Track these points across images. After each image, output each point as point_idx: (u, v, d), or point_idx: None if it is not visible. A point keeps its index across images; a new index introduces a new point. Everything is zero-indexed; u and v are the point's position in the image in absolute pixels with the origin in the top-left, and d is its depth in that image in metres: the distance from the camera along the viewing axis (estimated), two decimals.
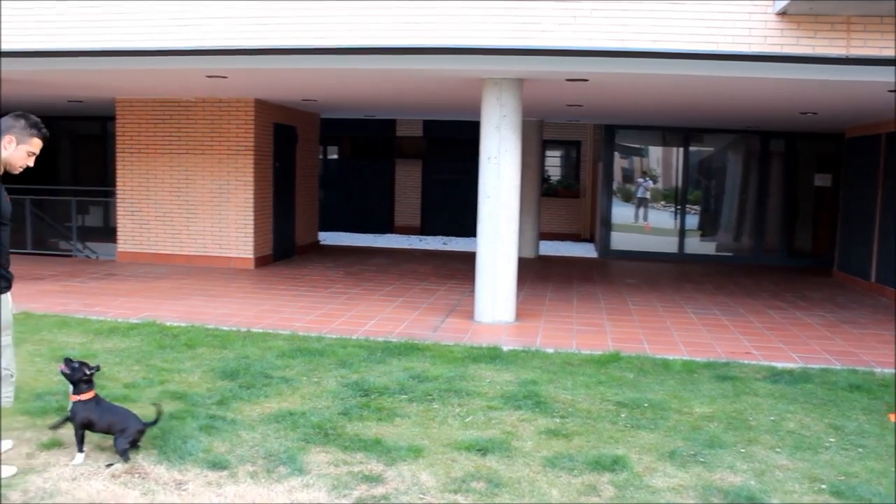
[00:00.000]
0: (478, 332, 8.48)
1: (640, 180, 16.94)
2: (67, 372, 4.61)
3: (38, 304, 9.24)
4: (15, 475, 4.33)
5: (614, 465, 4.63)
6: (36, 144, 4.37)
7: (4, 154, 4.28)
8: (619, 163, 16.88)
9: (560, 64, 8.09)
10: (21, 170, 4.38)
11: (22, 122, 4.31)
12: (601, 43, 7.71)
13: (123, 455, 4.50)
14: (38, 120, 4.39)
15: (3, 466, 4.38)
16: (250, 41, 8.38)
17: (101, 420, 4.56)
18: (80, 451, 4.56)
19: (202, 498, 4.12)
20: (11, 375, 4.41)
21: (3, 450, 4.59)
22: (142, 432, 4.62)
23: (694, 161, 16.65)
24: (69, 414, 4.61)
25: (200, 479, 4.35)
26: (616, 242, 16.50)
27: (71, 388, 4.61)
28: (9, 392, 4.40)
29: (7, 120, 4.32)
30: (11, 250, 4.39)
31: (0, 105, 11.55)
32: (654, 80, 8.81)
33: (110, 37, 8.75)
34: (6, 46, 9.07)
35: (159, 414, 4.78)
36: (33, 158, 4.40)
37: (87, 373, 4.63)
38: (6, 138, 4.27)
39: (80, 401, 4.57)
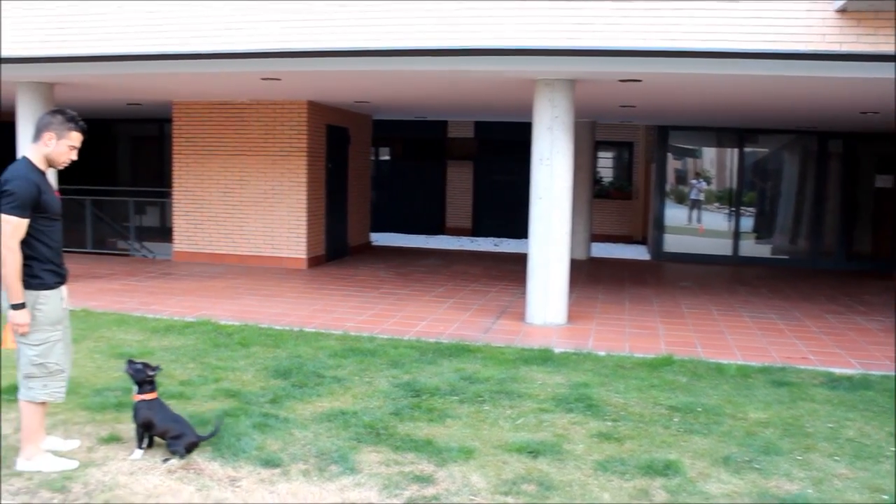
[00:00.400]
0: (529, 333, 8.45)
1: (694, 182, 16.72)
2: (131, 372, 4.71)
3: (97, 301, 9.45)
4: (76, 469, 4.44)
5: (667, 469, 4.58)
6: (75, 138, 4.44)
7: (46, 150, 4.38)
8: (672, 164, 16.68)
9: (612, 64, 8.02)
10: (65, 165, 4.47)
11: (59, 117, 4.39)
12: (654, 43, 7.63)
13: (177, 453, 4.58)
14: (75, 113, 4.46)
15: (64, 460, 4.50)
16: (304, 44, 8.46)
17: (160, 423, 4.64)
18: (139, 447, 4.65)
19: (255, 495, 4.18)
20: (63, 371, 4.51)
21: (66, 449, 4.71)
22: (195, 444, 4.68)
23: (749, 162, 16.37)
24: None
25: (254, 476, 4.41)
26: (669, 245, 16.30)
27: (135, 387, 4.71)
28: (59, 387, 4.50)
29: (45, 117, 4.42)
30: (73, 249, 4.52)
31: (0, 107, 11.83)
32: (708, 80, 8.69)
33: (167, 41, 8.92)
34: (66, 51, 9.30)
35: (216, 429, 4.84)
36: (75, 152, 4.48)
37: (150, 374, 4.72)
38: (46, 135, 4.36)
39: (143, 400, 4.66)
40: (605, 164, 21.19)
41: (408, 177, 21.58)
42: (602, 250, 17.74)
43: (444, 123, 21.04)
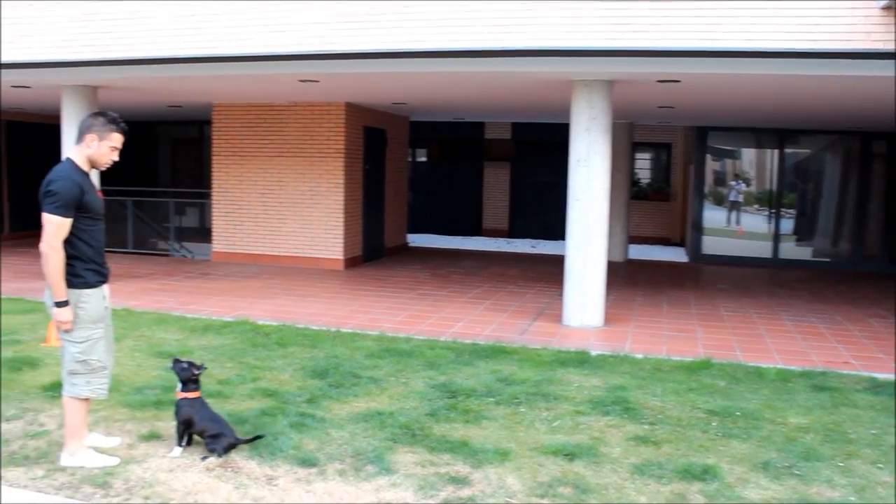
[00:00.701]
0: (566, 335, 8.42)
1: (733, 183, 16.54)
2: (177, 370, 4.79)
3: (137, 301, 9.59)
4: (117, 465, 4.51)
5: (704, 474, 4.53)
6: (116, 139, 4.53)
7: (89, 152, 4.47)
8: (710, 165, 16.50)
9: (651, 65, 7.97)
10: (107, 166, 4.57)
11: (101, 119, 4.48)
12: (693, 43, 7.55)
13: (215, 452, 4.63)
14: (116, 115, 4.56)
15: (106, 457, 4.57)
16: (343, 46, 8.51)
17: (200, 422, 4.70)
18: (179, 445, 4.71)
19: (292, 494, 4.21)
20: (105, 368, 4.58)
21: (107, 445, 4.78)
22: (233, 445, 4.72)
23: (789, 163, 16.15)
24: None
25: (290, 475, 4.44)
26: (707, 247, 16.13)
27: (179, 385, 4.78)
28: (102, 384, 4.58)
29: (86, 120, 4.52)
30: (114, 249, 4.62)
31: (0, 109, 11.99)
32: (749, 81, 8.59)
33: (208, 43, 9.02)
34: (109, 55, 9.45)
35: (257, 437, 4.87)
36: (116, 153, 4.58)
37: (195, 372, 4.79)
38: (89, 137, 4.45)
39: (185, 398, 4.72)
40: (643, 165, 21.04)
41: (445, 178, 21.60)
42: (639, 252, 17.62)
43: (482, 125, 21.03)
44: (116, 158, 4.59)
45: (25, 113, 17.02)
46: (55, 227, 4.27)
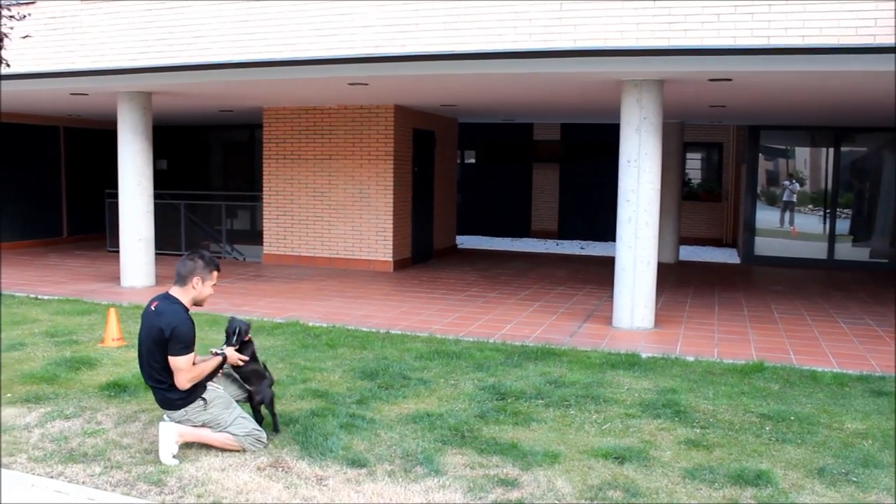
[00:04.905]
0: (616, 337, 8.36)
1: (787, 183, 16.24)
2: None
3: None
4: (178, 465, 4.61)
5: (758, 479, 4.46)
6: (215, 277, 4.90)
7: (194, 293, 4.81)
8: (763, 165, 16.24)
9: (702, 64, 7.87)
10: (205, 303, 4.94)
11: (200, 262, 4.83)
12: (746, 41, 7.45)
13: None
14: (210, 254, 4.95)
15: (172, 458, 4.66)
16: (392, 48, 8.56)
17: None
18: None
19: (342, 494, 4.24)
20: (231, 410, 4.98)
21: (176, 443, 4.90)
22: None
23: (845, 162, 15.81)
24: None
25: (340, 475, 4.48)
26: (760, 248, 15.87)
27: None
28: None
29: (187, 263, 4.82)
30: (168, 252, 4.81)
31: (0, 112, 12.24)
32: (803, 79, 8.44)
33: (260, 48, 9.15)
34: (164, 61, 9.64)
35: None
36: (214, 288, 4.95)
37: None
38: (194, 279, 4.79)
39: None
40: (694, 165, 20.80)
41: (493, 179, 21.59)
42: (690, 253, 17.41)
43: (530, 126, 20.98)
44: (213, 293, 4.98)
45: (82, 119, 17.42)
46: (187, 367, 4.67)
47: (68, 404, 5.71)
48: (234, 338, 4.96)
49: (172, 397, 4.72)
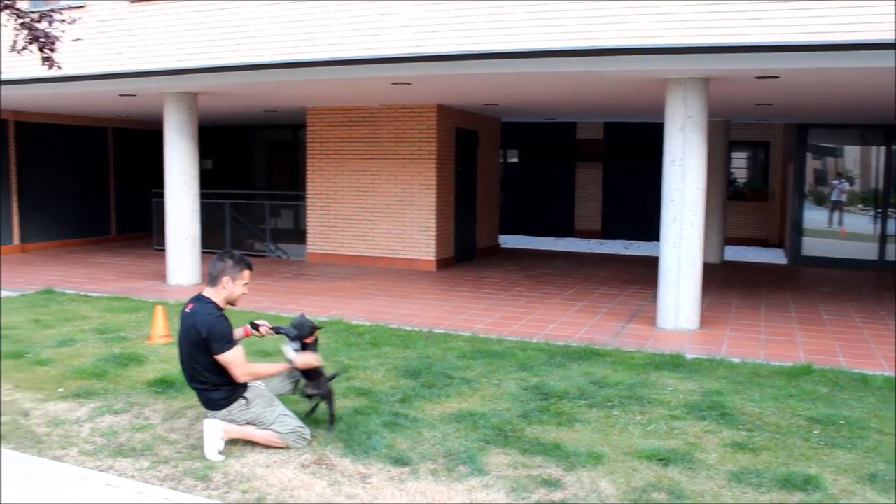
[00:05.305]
0: (660, 338, 8.28)
1: (836, 182, 15.95)
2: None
3: None
4: (223, 461, 4.66)
5: (806, 484, 4.39)
6: (246, 276, 4.93)
7: (225, 293, 4.85)
8: (811, 164, 15.95)
9: (749, 61, 7.76)
10: (238, 302, 4.96)
11: (230, 262, 4.87)
12: (794, 37, 7.32)
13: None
14: (241, 254, 4.96)
15: (217, 454, 4.72)
16: (434, 48, 8.57)
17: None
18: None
19: (385, 492, 4.26)
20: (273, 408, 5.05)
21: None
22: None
23: None
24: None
25: (383, 473, 4.50)
26: (808, 248, 15.60)
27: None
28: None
29: (217, 265, 4.87)
30: (212, 250, 4.84)
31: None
32: (853, 75, 8.28)
33: (303, 49, 9.23)
34: (209, 62, 9.76)
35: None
36: (247, 288, 4.96)
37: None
38: (224, 280, 4.83)
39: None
40: (740, 164, 20.53)
41: (536, 179, 21.52)
42: (736, 254, 17.19)
43: (573, 125, 20.87)
44: (246, 292, 4.96)
45: (129, 120, 17.71)
46: (237, 360, 4.71)
47: (117, 400, 5.82)
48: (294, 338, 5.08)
49: (215, 397, 4.78)
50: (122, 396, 5.90)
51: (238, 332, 4.99)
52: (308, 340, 5.10)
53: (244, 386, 4.85)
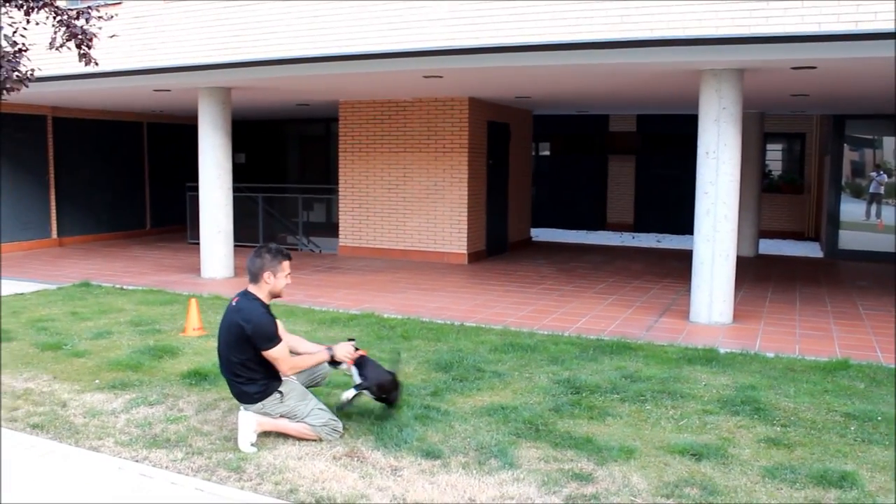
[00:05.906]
0: (693, 332, 8.21)
1: (873, 174, 15.69)
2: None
3: None
4: (256, 453, 4.71)
5: (842, 481, 4.33)
6: (286, 266, 4.97)
7: (269, 287, 4.90)
8: (848, 156, 15.71)
9: (785, 51, 7.65)
10: (283, 294, 5.02)
11: (267, 256, 4.91)
12: (831, 26, 7.19)
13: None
14: (279, 246, 5.01)
15: (250, 446, 4.76)
16: (465, 41, 8.55)
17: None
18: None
19: (416, 485, 4.27)
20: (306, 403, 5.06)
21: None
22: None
23: None
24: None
25: (415, 466, 4.51)
26: (844, 242, 15.37)
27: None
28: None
29: (255, 261, 4.91)
30: (245, 244, 4.90)
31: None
32: (893, 65, 8.12)
33: (334, 43, 9.25)
34: (242, 57, 9.83)
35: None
36: (290, 277, 5.02)
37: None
38: (265, 275, 4.88)
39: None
40: (775, 156, 20.27)
41: (568, 172, 21.42)
42: (771, 247, 17.00)
43: (606, 117, 20.75)
44: (290, 282, 5.03)
45: (164, 115, 17.89)
46: (283, 357, 4.80)
47: (152, 391, 5.89)
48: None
49: (249, 391, 4.82)
50: (157, 388, 5.98)
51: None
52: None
53: (278, 380, 4.89)
